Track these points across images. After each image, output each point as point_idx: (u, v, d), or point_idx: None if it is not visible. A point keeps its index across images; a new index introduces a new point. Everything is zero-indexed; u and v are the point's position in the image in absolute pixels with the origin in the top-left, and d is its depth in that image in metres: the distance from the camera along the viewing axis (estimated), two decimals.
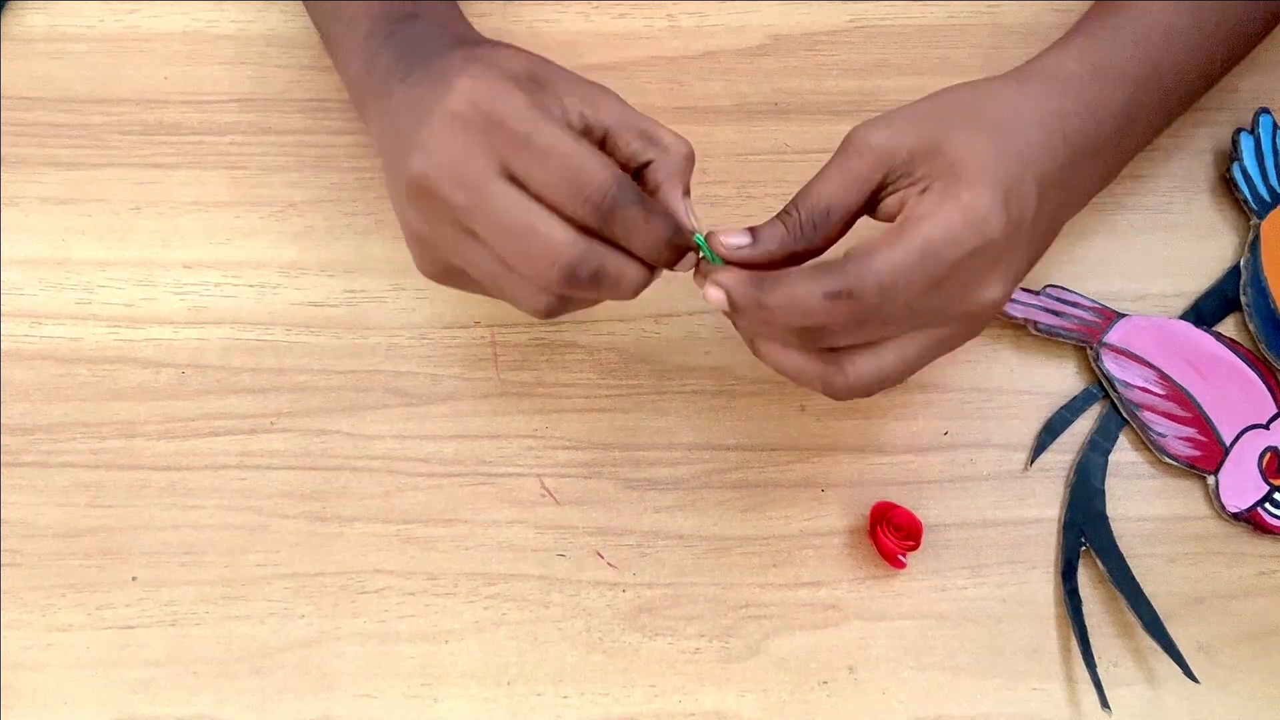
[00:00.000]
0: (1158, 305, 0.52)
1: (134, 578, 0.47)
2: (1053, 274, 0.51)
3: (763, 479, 0.49)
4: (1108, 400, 0.50)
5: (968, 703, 0.47)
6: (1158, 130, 0.49)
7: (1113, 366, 0.50)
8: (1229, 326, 0.52)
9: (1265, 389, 0.50)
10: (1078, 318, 0.51)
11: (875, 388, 0.40)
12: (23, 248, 0.51)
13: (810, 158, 0.53)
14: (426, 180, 0.37)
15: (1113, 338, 0.51)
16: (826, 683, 0.47)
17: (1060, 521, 0.49)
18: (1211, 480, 0.49)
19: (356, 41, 0.45)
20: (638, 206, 0.37)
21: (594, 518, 0.48)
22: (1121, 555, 0.48)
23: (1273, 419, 0.50)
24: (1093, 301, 0.51)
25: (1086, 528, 0.48)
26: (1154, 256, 0.52)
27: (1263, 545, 0.49)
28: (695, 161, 0.40)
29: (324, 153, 0.53)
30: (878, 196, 0.40)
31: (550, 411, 0.50)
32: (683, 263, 0.39)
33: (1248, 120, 0.53)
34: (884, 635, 0.47)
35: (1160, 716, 0.47)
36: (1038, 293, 0.51)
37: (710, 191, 0.52)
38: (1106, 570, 0.48)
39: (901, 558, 0.47)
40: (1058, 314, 0.51)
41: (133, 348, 0.50)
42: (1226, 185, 0.53)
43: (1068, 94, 0.43)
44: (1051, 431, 0.50)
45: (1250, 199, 0.52)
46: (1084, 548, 0.48)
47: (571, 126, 0.38)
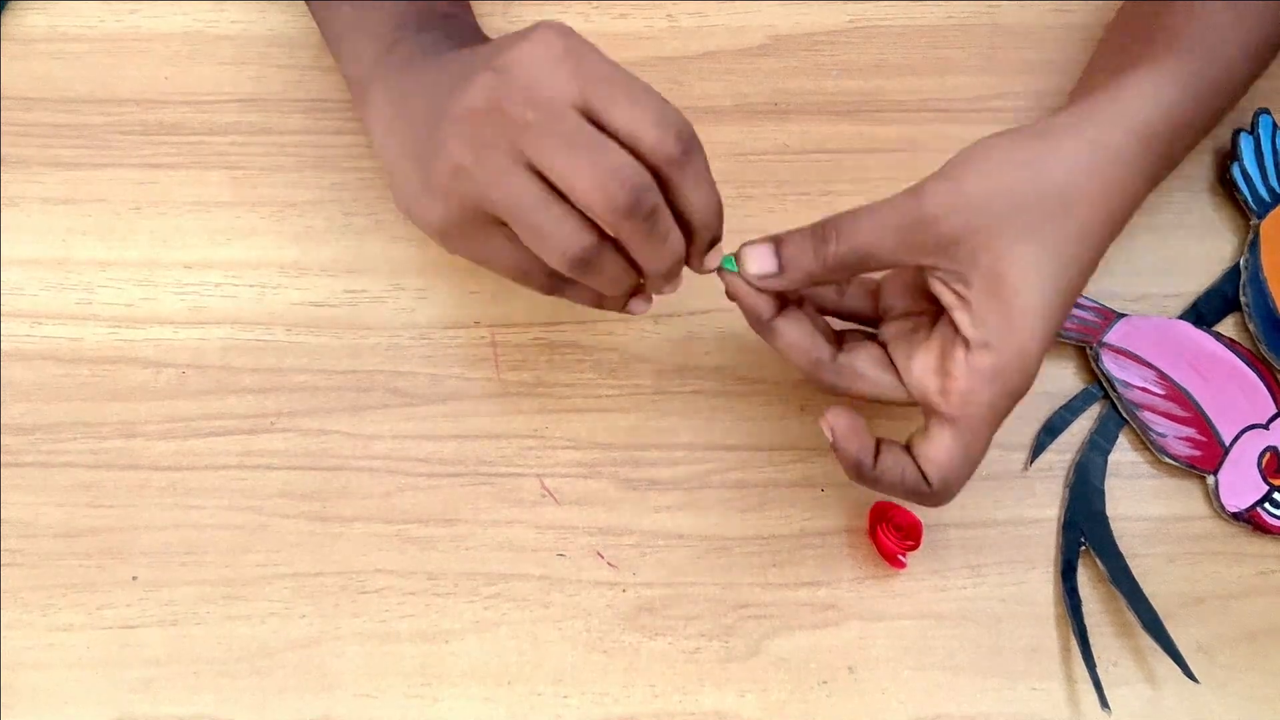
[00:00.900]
0: (1157, 305, 0.52)
1: (134, 577, 0.47)
2: None
3: (763, 479, 0.49)
4: (1107, 400, 0.50)
5: (967, 702, 0.47)
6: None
7: (1112, 366, 0.50)
8: (1229, 326, 0.52)
9: (1265, 389, 0.50)
10: (1077, 317, 0.51)
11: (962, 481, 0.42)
12: (23, 248, 0.51)
13: (810, 158, 0.53)
14: (494, 96, 0.37)
15: (1112, 338, 0.51)
16: (826, 682, 0.47)
17: (1060, 521, 0.49)
18: (1211, 480, 0.49)
19: (374, 31, 0.45)
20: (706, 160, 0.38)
21: (594, 518, 0.48)
22: (1121, 555, 0.48)
23: (1272, 419, 0.50)
24: (1092, 301, 0.51)
25: (1086, 528, 0.49)
26: (1153, 256, 0.52)
27: (1262, 545, 0.49)
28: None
29: (324, 153, 0.53)
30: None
31: (550, 411, 0.50)
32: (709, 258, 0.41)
33: (1247, 120, 0.53)
34: (884, 635, 0.47)
35: (1160, 716, 0.47)
36: None
37: None
38: (1106, 570, 0.48)
39: (901, 558, 0.47)
40: None
41: (133, 348, 0.50)
42: (1226, 185, 0.53)
43: (1134, 165, 0.41)
44: (1051, 431, 0.50)
45: (1250, 199, 0.52)
46: (1083, 547, 0.48)
47: None
